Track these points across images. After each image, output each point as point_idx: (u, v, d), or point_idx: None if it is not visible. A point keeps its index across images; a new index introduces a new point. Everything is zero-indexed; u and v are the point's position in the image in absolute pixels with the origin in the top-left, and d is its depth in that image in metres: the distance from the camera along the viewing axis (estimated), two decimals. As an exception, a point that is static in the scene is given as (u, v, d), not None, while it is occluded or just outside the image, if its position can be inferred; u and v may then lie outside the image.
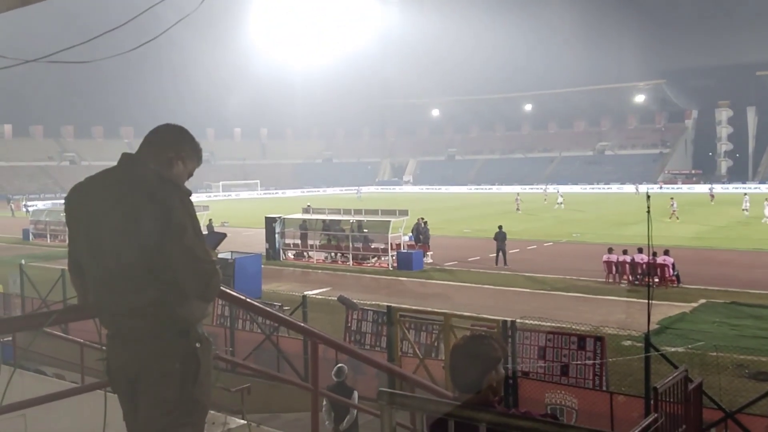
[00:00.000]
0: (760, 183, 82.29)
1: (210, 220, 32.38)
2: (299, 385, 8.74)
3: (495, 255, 24.96)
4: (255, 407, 8.57)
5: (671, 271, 20.32)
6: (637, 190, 70.41)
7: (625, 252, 21.15)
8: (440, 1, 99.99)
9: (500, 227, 25.25)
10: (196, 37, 77.33)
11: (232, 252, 19.64)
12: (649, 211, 10.06)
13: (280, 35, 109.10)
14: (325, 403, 8.31)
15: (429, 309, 14.33)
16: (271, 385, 9.24)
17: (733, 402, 8.45)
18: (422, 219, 28.00)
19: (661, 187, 73.92)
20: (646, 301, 12.14)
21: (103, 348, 2.82)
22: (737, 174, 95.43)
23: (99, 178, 2.70)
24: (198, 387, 2.68)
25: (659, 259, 20.07)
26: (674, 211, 40.34)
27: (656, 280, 19.43)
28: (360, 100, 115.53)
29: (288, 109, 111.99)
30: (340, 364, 9.00)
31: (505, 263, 24.58)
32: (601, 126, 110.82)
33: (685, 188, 79.11)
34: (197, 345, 2.70)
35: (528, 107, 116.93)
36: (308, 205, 33.09)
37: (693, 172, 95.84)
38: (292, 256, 28.40)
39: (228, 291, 3.59)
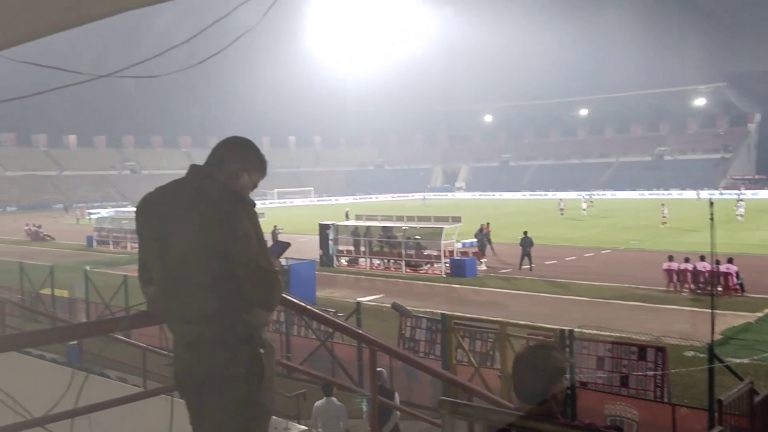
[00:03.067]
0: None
1: (275, 227, 33.02)
2: (355, 390, 8.80)
3: (520, 260, 25.52)
4: (308, 413, 8.68)
5: (735, 279, 19.65)
6: (698, 195, 68.39)
7: (686, 260, 20.56)
8: (493, 6, 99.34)
9: (525, 233, 25.74)
10: (251, 47, 78.92)
11: (287, 258, 19.93)
12: (712, 218, 9.77)
13: (334, 43, 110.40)
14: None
15: (484, 317, 14.21)
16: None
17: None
18: (486, 224, 28.54)
19: (721, 193, 71.42)
20: (709, 310, 11.80)
21: (169, 354, 2.91)
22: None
23: (168, 189, 2.80)
24: (263, 391, 2.75)
25: (722, 267, 19.46)
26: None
27: (719, 288, 18.81)
28: (412, 107, 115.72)
29: (341, 117, 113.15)
30: (378, 368, 9.05)
31: (530, 268, 25.01)
32: (660, 130, 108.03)
33: (750, 194, 76.29)
34: (261, 350, 2.77)
35: (583, 112, 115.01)
36: (347, 211, 33.18)
37: (757, 177, 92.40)
38: (346, 263, 28.60)
39: (286, 297, 3.66)
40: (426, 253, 26.81)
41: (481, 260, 26.31)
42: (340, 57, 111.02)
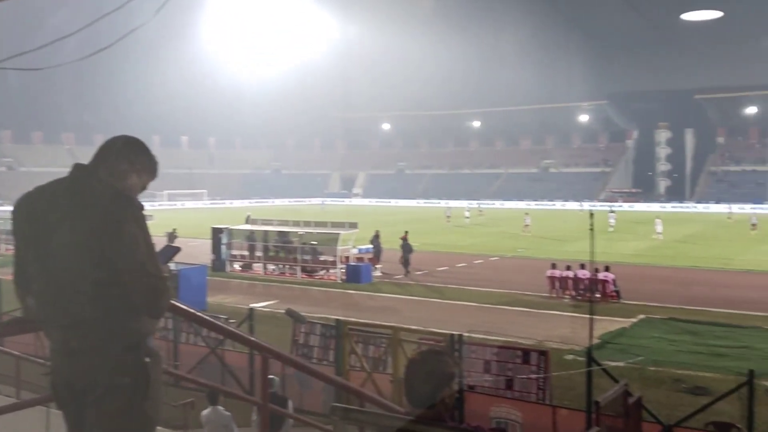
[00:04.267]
0: (696, 202, 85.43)
1: (174, 229, 31.94)
2: (245, 399, 8.63)
3: (401, 263, 26.28)
4: (197, 422, 8.43)
5: (612, 286, 20.88)
6: (581, 206, 72.28)
7: (568, 267, 21.66)
8: (392, 17, 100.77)
9: (404, 239, 26.56)
10: (143, 44, 75.92)
11: (177, 263, 19.28)
12: (592, 228, 10.34)
13: (230, 44, 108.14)
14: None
15: (377, 322, 14.34)
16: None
17: (671, 416, 8.71)
18: (405, 233, 28.95)
19: (593, 205, 75.45)
20: (588, 316, 12.47)
21: (45, 362, 2.75)
22: (675, 193, 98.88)
23: (49, 189, 2.64)
24: (148, 401, 2.64)
25: (600, 275, 20.62)
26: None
27: (597, 295, 19.93)
28: (310, 112, 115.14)
29: (237, 119, 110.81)
30: (270, 376, 8.95)
31: (406, 273, 25.83)
32: (546, 144, 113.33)
33: (626, 206, 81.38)
34: (147, 359, 2.66)
35: (476, 124, 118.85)
36: (249, 215, 32.73)
37: (633, 190, 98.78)
38: (239, 268, 28.04)
39: (174, 303, 3.54)
40: (322, 258, 26.76)
41: (377, 266, 26.57)
42: (236, 58, 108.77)
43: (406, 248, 26.51)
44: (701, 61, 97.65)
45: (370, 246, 27.73)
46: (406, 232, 28.48)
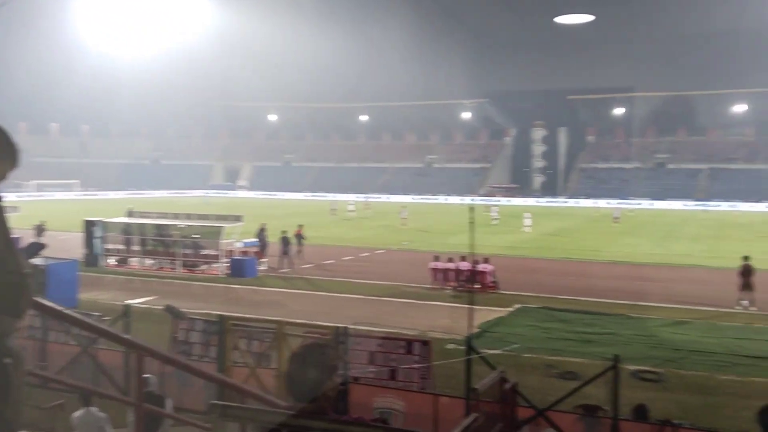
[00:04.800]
0: (568, 197, 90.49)
1: (42, 222, 29.92)
2: (118, 399, 8.24)
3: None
4: (67, 425, 7.96)
5: (491, 277, 21.72)
6: (463, 201, 74.71)
7: (450, 260, 22.31)
8: (277, 5, 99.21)
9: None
10: (6, 23, 70.44)
11: (45, 258, 18.09)
12: (472, 222, 10.67)
13: (104, 24, 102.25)
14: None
15: (262, 317, 14.12)
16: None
17: (544, 400, 9.17)
18: (299, 227, 28.64)
19: (473, 200, 78.30)
20: (468, 306, 12.88)
21: None
22: (549, 189, 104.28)
23: None
24: (8, 406, 2.44)
25: (480, 267, 21.39)
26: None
27: (477, 286, 20.66)
28: (192, 100, 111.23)
29: (113, 105, 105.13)
30: (147, 375, 8.63)
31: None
32: (430, 140, 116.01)
33: (504, 201, 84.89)
34: (7, 360, 2.46)
35: (363, 118, 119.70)
36: (131, 209, 31.33)
37: (511, 186, 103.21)
38: (115, 263, 26.72)
39: (38, 301, 3.31)
40: (204, 252, 26.00)
41: (262, 260, 26.17)
42: (110, 40, 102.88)
43: (285, 242, 26.35)
44: (574, 63, 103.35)
45: (256, 240, 27.28)
46: (300, 226, 28.40)
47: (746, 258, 19.80)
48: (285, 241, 26.38)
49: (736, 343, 15.20)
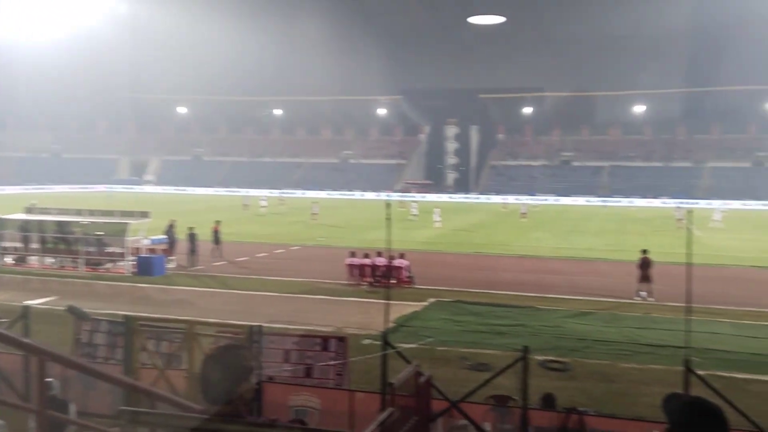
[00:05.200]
0: (480, 194, 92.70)
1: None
2: (18, 406, 7.78)
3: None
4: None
5: (406, 272, 21.95)
6: (379, 196, 75.18)
7: (366, 255, 22.38)
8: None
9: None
10: None
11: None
12: (389, 218, 10.72)
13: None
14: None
15: (171, 317, 13.70)
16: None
17: (457, 392, 9.33)
18: (216, 223, 27.81)
19: (389, 195, 79.07)
20: (385, 301, 12.96)
21: None
22: (462, 185, 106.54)
23: None
24: None
25: (396, 262, 21.58)
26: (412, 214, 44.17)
27: (393, 281, 20.83)
28: (95, 91, 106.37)
29: (8, 95, 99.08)
30: (49, 379, 8.21)
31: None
32: (346, 135, 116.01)
33: (419, 197, 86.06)
34: None
35: (277, 112, 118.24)
36: (33, 204, 29.71)
37: (425, 182, 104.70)
38: (12, 262, 25.25)
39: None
40: (109, 250, 24.96)
41: (171, 257, 25.40)
42: (5, 24, 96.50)
43: (192, 239, 25.75)
44: (486, 62, 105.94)
45: (164, 237, 26.43)
46: (217, 222, 27.78)
47: (644, 251, 20.87)
48: (192, 238, 25.68)
49: (635, 333, 16.01)
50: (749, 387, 11.76)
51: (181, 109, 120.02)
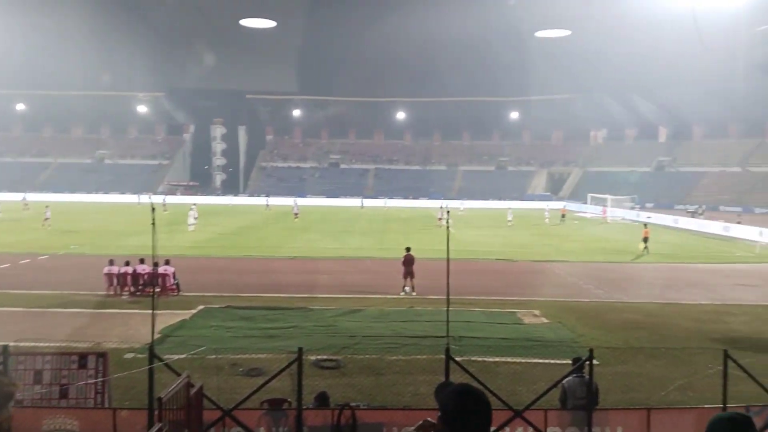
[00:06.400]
0: (249, 195, 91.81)
1: None
2: None
3: None
4: None
5: (172, 279, 20.95)
6: (139, 200, 70.75)
7: (127, 263, 20.96)
8: None
9: None
10: None
11: None
12: (154, 223, 10.15)
13: None
14: None
15: None
16: None
17: (231, 399, 9.13)
18: None
19: (150, 197, 75.03)
20: (149, 311, 12.23)
21: None
22: (230, 187, 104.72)
23: None
24: None
25: (161, 269, 20.48)
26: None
27: (158, 289, 19.76)
28: None
29: None
30: None
31: None
32: (101, 133, 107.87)
33: (185, 199, 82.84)
34: None
35: (20, 107, 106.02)
36: None
37: (191, 183, 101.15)
38: None
39: None
40: None
41: None
42: None
43: None
44: (254, 64, 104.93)
45: None
46: None
47: (408, 249, 22.24)
48: None
49: (401, 326, 16.97)
50: (498, 369, 13.07)
51: None
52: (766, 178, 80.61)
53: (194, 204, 47.42)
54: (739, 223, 47.06)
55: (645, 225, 37.64)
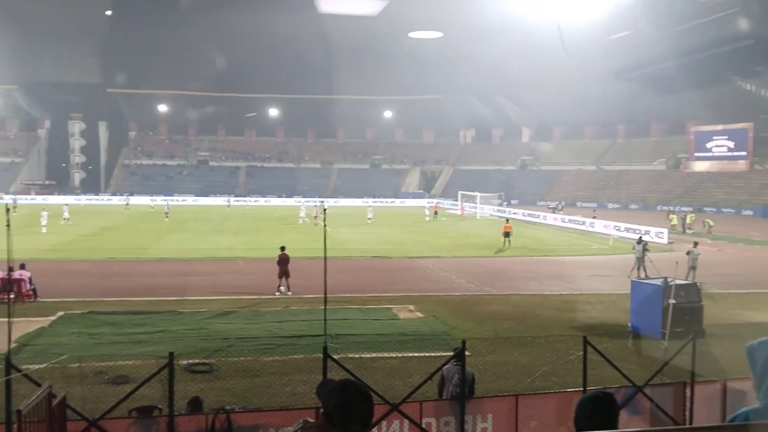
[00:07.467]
0: (111, 195, 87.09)
1: None
2: None
3: None
4: None
5: (28, 285, 19.57)
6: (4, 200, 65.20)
7: (-24, 268, 19.27)
8: None
9: None
10: None
11: None
12: (9, 225, 9.41)
13: None
14: None
15: None
16: None
17: (96, 409, 8.66)
18: None
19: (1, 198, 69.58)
20: (5, 319, 11.36)
21: None
22: (90, 186, 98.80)
23: None
24: None
25: (15, 274, 19.03)
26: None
27: (12, 296, 18.33)
28: None
29: None
30: None
31: None
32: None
33: (40, 199, 77.31)
34: None
35: None
36: None
37: (47, 183, 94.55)
38: None
39: None
40: None
41: None
42: None
43: None
44: (113, 56, 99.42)
45: None
46: None
47: (282, 248, 22.00)
48: None
49: (276, 326, 16.79)
50: (375, 364, 13.27)
51: None
52: (617, 176, 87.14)
53: (45, 209, 44.46)
54: (594, 217, 50.63)
55: (507, 220, 39.76)
